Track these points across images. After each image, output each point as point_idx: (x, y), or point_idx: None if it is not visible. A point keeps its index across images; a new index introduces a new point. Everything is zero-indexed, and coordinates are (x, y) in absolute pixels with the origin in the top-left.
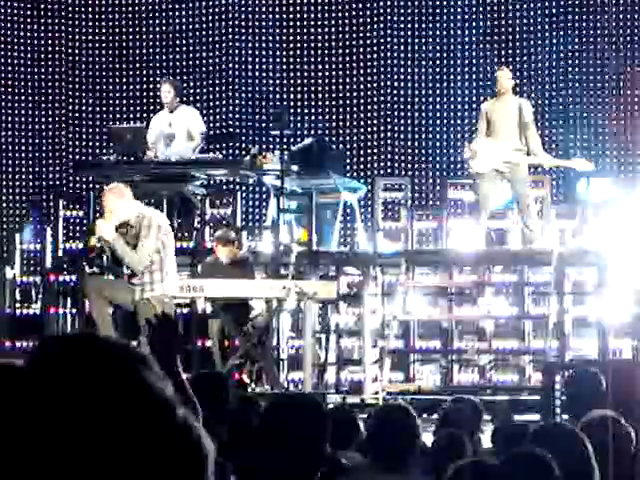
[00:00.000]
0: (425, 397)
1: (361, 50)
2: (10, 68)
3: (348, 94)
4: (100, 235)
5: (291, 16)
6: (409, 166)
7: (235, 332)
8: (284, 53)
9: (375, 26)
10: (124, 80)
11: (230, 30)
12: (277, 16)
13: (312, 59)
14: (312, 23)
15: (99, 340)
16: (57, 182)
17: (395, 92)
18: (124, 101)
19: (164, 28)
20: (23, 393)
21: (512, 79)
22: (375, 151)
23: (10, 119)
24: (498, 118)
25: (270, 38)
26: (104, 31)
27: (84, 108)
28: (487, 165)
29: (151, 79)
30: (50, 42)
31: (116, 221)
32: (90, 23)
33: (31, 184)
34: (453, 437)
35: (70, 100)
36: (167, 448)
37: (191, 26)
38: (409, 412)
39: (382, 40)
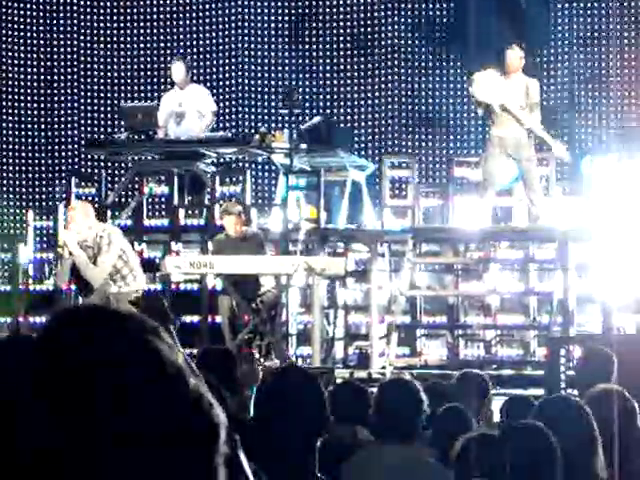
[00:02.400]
0: (431, 372)
1: (368, 28)
2: (20, 47)
3: (356, 73)
4: (65, 246)
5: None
6: (416, 144)
7: (245, 308)
8: (292, 32)
9: (382, 5)
10: (135, 59)
11: (240, 9)
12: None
13: (319, 38)
14: (320, 2)
15: (110, 311)
16: (70, 160)
17: (402, 71)
18: (135, 80)
19: (174, 8)
20: (36, 365)
21: (522, 58)
22: (382, 129)
23: (22, 97)
24: (487, 88)
25: (279, 17)
26: (115, 11)
27: (95, 87)
28: (491, 96)
29: (162, 58)
30: (59, 20)
31: (79, 236)
32: (102, 2)
33: (44, 162)
34: (456, 411)
35: (82, 79)
36: (179, 417)
37: (201, 5)
38: (414, 386)
39: (389, 16)
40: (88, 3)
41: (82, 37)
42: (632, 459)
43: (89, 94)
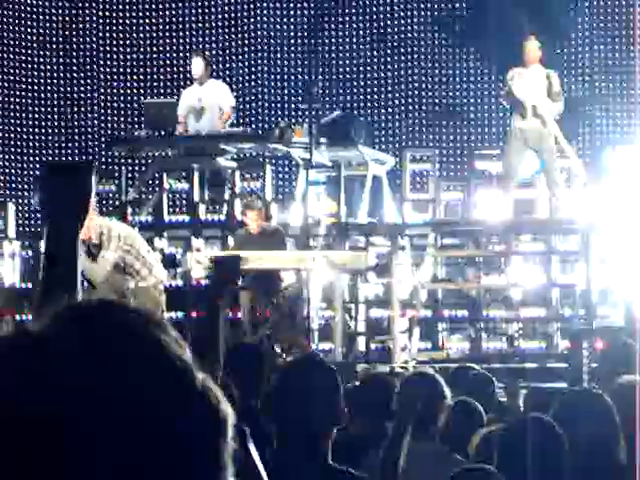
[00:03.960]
0: (454, 365)
1: (388, 22)
2: (42, 45)
3: (375, 67)
4: None
5: None
6: (437, 137)
7: (266, 303)
8: (311, 26)
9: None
10: (155, 55)
11: (259, 4)
12: None
13: (339, 32)
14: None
15: (117, 305)
16: (91, 157)
17: (422, 64)
18: (156, 76)
19: (194, 3)
20: (39, 360)
21: (539, 49)
22: (403, 123)
23: (43, 95)
24: (527, 86)
25: (299, 11)
26: (134, 7)
27: (116, 84)
28: (526, 94)
29: (181, 54)
30: (81, 18)
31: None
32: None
33: (64, 159)
34: (467, 405)
35: (102, 75)
36: (186, 412)
37: (220, 1)
38: (437, 379)
39: (409, 9)
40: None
41: (102, 33)
42: None
43: (109, 90)
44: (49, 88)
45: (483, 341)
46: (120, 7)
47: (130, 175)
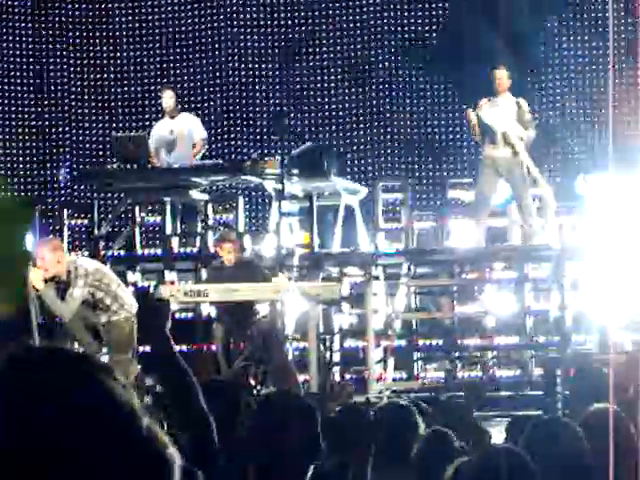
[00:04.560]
0: (429, 395)
1: (359, 52)
2: (11, 77)
3: (346, 97)
4: (30, 283)
5: (289, 22)
6: (409, 167)
7: (240, 335)
8: (282, 58)
9: (373, 30)
10: (125, 89)
11: (230, 36)
12: (275, 21)
13: (311, 63)
14: (310, 27)
15: (63, 352)
16: (62, 191)
17: (393, 93)
18: (126, 110)
19: (164, 37)
20: None
21: (509, 78)
22: (375, 153)
23: (12, 130)
24: (497, 114)
25: (271, 43)
26: (105, 40)
27: (87, 117)
28: (495, 121)
29: (152, 87)
30: (51, 49)
31: (47, 273)
32: (91, 33)
33: (36, 194)
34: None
35: (72, 109)
36: (132, 458)
37: (191, 33)
38: (410, 409)
39: (379, 40)
40: (79, 33)
41: (73, 67)
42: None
43: (80, 124)
44: (19, 123)
45: (458, 370)
46: (90, 40)
47: (102, 209)
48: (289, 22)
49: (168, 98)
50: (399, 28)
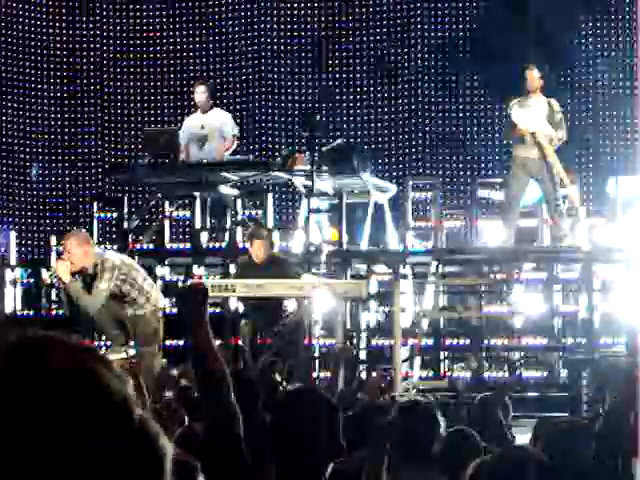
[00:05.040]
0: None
1: (392, 49)
2: (45, 72)
3: (378, 95)
4: (57, 275)
5: (322, 19)
6: (439, 165)
7: (266, 331)
8: (314, 55)
9: (405, 27)
10: (158, 83)
11: (263, 32)
12: (308, 19)
13: (342, 60)
14: (342, 25)
15: (57, 340)
16: (92, 185)
17: (425, 92)
18: (158, 104)
19: (198, 31)
20: None
21: (540, 78)
22: (406, 151)
23: (46, 122)
24: (528, 115)
25: (303, 40)
26: (138, 35)
27: (119, 111)
28: (526, 121)
29: (184, 82)
30: (85, 45)
31: (74, 266)
32: (124, 27)
33: (67, 187)
34: (465, 435)
35: (105, 104)
36: (123, 448)
37: (224, 29)
38: (430, 408)
39: (412, 38)
40: (112, 27)
41: (106, 61)
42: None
43: (112, 118)
44: (50, 115)
45: (485, 370)
46: (123, 34)
47: (132, 203)
48: (321, 18)
49: (201, 93)
50: (431, 26)
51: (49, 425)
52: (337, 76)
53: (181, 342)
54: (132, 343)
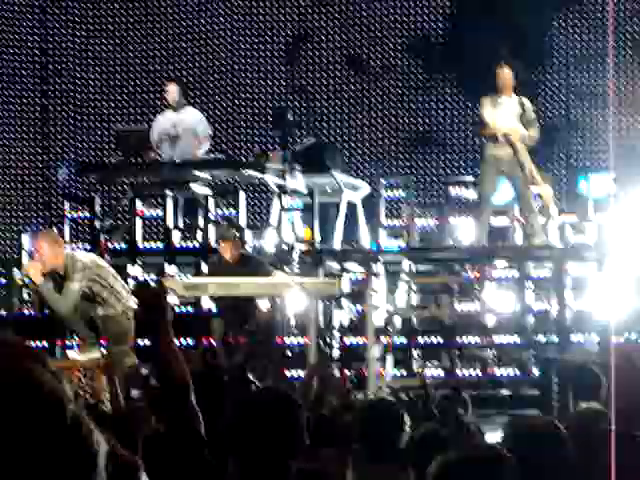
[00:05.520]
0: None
1: (363, 47)
2: (17, 68)
3: (350, 94)
4: (28, 276)
5: (295, 16)
6: (411, 164)
7: (239, 330)
8: (286, 53)
9: (377, 25)
10: (129, 82)
11: (235, 30)
12: (281, 16)
13: (313, 59)
14: (314, 22)
15: None
16: (64, 184)
17: (397, 90)
18: (129, 102)
19: (169, 30)
20: None
21: (512, 77)
22: (379, 149)
23: (15, 121)
24: (500, 114)
25: (274, 38)
26: (110, 33)
27: (90, 110)
28: (497, 121)
29: (156, 80)
30: (56, 39)
31: (45, 267)
32: (97, 26)
33: (39, 186)
34: (434, 432)
35: (76, 102)
36: (55, 444)
37: (196, 27)
38: (395, 406)
39: (384, 36)
40: (83, 25)
41: (77, 59)
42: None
43: (84, 117)
44: (23, 115)
45: (457, 368)
46: (96, 32)
47: (104, 202)
48: (293, 16)
49: (173, 91)
50: (403, 24)
51: None
52: (309, 74)
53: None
54: (103, 343)
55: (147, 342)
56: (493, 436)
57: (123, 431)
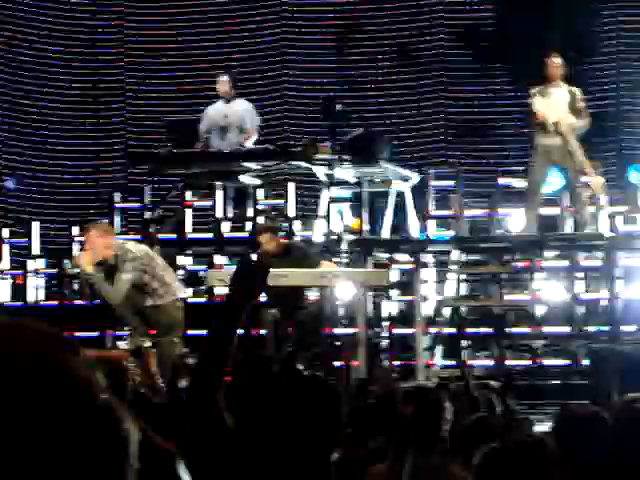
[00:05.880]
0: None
1: (413, 38)
2: (65, 63)
3: (400, 84)
4: (80, 266)
5: (344, 7)
6: (461, 154)
7: (289, 320)
8: (335, 44)
9: (426, 15)
10: (180, 73)
11: (284, 21)
12: (330, 13)
13: (363, 49)
14: (365, 17)
15: (26, 325)
16: (114, 175)
17: (447, 80)
18: (180, 94)
19: (220, 21)
20: None
21: (562, 67)
22: (427, 139)
23: (68, 113)
24: (549, 103)
25: (323, 29)
26: (158, 26)
27: (141, 102)
28: (548, 111)
29: (205, 73)
30: (107, 37)
31: (96, 257)
32: (146, 19)
33: (90, 177)
34: (484, 421)
35: (127, 93)
36: (85, 430)
37: (246, 19)
38: (436, 394)
39: (433, 26)
40: (132, 17)
41: (128, 51)
42: None
43: (134, 108)
44: (73, 107)
45: (506, 358)
46: (145, 24)
47: (154, 192)
48: (341, 6)
49: (224, 82)
50: (453, 14)
51: (14, 406)
52: (359, 64)
53: (203, 332)
54: (153, 332)
55: (197, 332)
56: (542, 426)
57: (167, 420)
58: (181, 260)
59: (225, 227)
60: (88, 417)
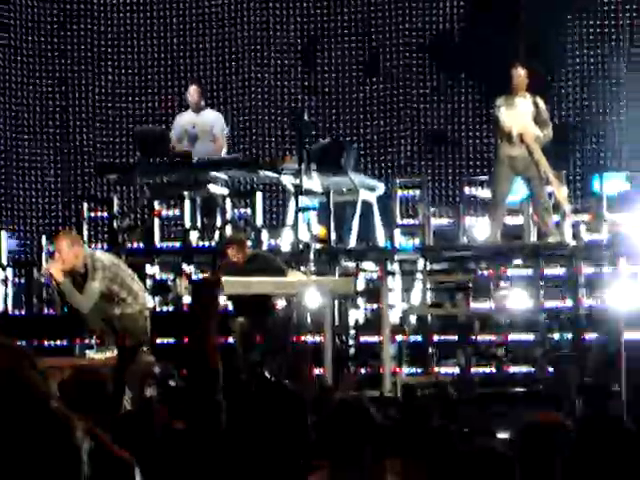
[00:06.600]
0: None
1: (379, 48)
2: (31, 73)
3: (366, 94)
4: (50, 275)
5: (311, 18)
6: (426, 163)
7: (256, 329)
8: (302, 54)
9: (392, 25)
10: (148, 83)
11: (251, 32)
12: (297, 18)
13: (329, 60)
14: (331, 24)
15: None
16: (82, 185)
17: (412, 90)
18: (148, 104)
19: (187, 32)
20: None
21: (526, 77)
22: (393, 149)
23: (32, 122)
24: (514, 114)
25: (290, 40)
26: (128, 35)
27: (110, 112)
28: (511, 122)
29: (175, 82)
30: (75, 45)
31: (65, 266)
32: (115, 28)
33: (56, 187)
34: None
35: (95, 103)
36: (39, 437)
37: (214, 29)
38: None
39: (399, 37)
40: (101, 28)
41: (95, 60)
42: None
43: (102, 118)
44: (42, 116)
45: (472, 366)
46: (115, 34)
47: (122, 202)
48: (308, 18)
49: (194, 92)
50: (418, 25)
51: None
52: (325, 75)
53: (170, 340)
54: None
55: (170, 341)
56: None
57: (136, 429)
58: (149, 269)
59: (193, 236)
60: (42, 424)
